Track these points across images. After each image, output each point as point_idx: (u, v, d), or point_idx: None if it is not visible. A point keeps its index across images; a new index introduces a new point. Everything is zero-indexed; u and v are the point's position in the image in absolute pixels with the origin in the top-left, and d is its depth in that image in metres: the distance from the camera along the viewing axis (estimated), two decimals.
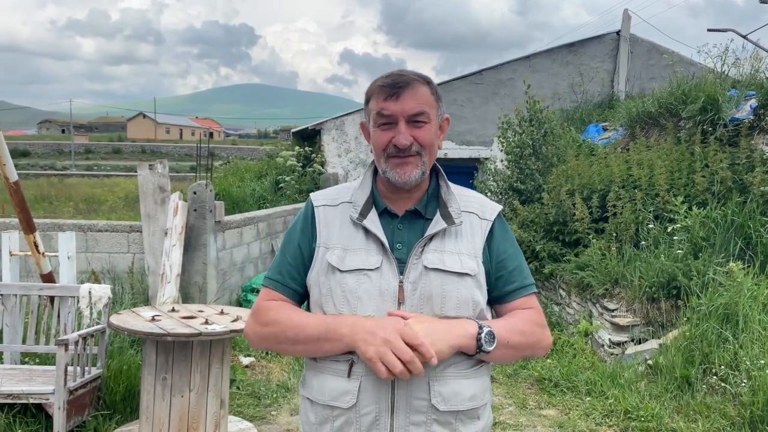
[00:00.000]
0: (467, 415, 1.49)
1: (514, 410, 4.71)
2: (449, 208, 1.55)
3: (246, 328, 1.62)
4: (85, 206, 18.35)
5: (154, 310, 3.86)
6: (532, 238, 7.43)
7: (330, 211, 1.59)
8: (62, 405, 3.64)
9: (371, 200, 1.57)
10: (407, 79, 1.51)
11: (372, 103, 1.54)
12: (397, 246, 1.52)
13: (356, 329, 1.40)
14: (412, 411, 1.44)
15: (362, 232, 1.53)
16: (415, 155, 1.51)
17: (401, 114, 1.49)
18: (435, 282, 1.47)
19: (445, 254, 1.50)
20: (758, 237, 5.33)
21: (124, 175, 33.63)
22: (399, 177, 1.51)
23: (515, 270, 1.58)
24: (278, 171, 13.15)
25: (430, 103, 1.53)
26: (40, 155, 49.74)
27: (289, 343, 1.52)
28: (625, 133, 8.82)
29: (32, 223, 4.54)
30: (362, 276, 1.48)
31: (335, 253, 1.52)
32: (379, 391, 1.44)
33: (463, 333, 1.43)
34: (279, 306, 1.57)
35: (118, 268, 6.30)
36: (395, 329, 1.37)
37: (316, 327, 1.47)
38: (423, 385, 1.44)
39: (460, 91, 11.90)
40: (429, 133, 1.52)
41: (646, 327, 5.41)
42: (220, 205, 6.37)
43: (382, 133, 1.52)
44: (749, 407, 3.90)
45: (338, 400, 1.47)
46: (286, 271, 1.59)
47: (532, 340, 1.54)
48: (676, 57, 12.01)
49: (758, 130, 6.41)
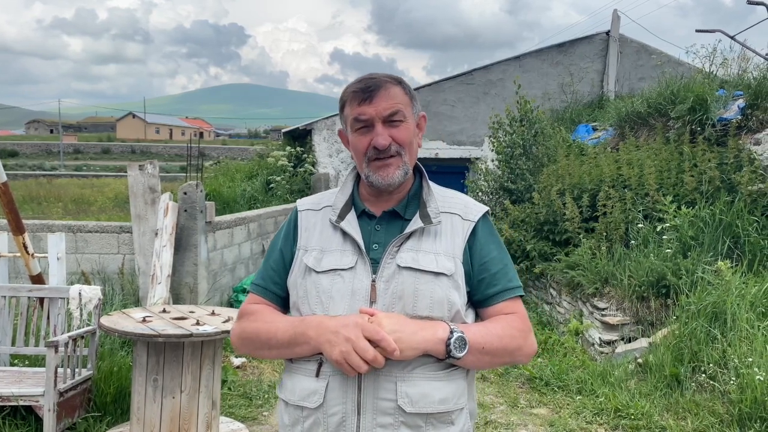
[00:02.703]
0: (439, 419, 1.45)
1: (505, 409, 4.73)
2: (428, 208, 1.55)
3: (231, 333, 1.64)
4: (74, 207, 18.22)
5: (144, 311, 3.85)
6: (523, 238, 7.46)
7: (312, 216, 1.61)
8: (52, 407, 3.62)
9: (350, 203, 1.58)
10: (378, 81, 1.52)
11: (347, 109, 1.55)
12: (374, 246, 1.52)
13: (321, 330, 1.41)
14: (378, 412, 1.42)
15: (340, 233, 1.54)
16: (395, 156, 1.52)
17: (377, 115, 1.49)
18: (407, 281, 1.46)
19: (420, 253, 1.49)
20: (746, 236, 5.38)
21: (113, 175, 33.44)
22: (382, 179, 1.51)
23: (499, 273, 1.55)
24: (269, 171, 13.12)
25: (404, 102, 1.53)
26: (28, 155, 49.37)
27: (265, 348, 1.54)
28: (614, 132, 8.87)
29: (21, 225, 4.51)
30: (336, 276, 1.49)
31: (312, 255, 1.53)
32: (345, 391, 1.43)
33: (431, 336, 1.40)
34: (259, 310, 1.58)
35: (108, 269, 6.26)
36: (357, 325, 1.36)
37: (285, 331, 1.48)
38: (389, 385, 1.42)
39: (451, 91, 11.92)
40: (406, 131, 1.53)
41: (635, 326, 5.45)
42: (211, 205, 6.35)
43: (361, 137, 1.52)
44: (737, 405, 3.94)
45: (307, 400, 1.47)
46: (269, 276, 1.61)
47: (511, 347, 1.49)
48: (664, 57, 12.10)
49: (746, 130, 6.46)
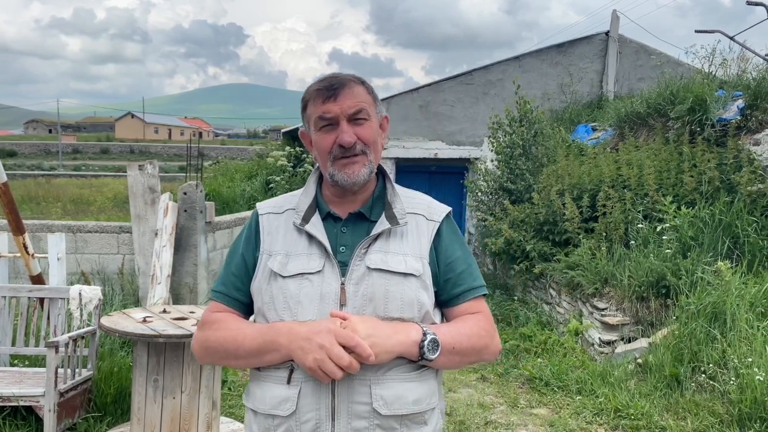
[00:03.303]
0: (412, 420, 1.45)
1: (505, 409, 4.73)
2: (394, 209, 1.54)
3: (192, 344, 1.58)
4: (73, 207, 18.19)
5: (145, 312, 3.85)
6: (523, 238, 7.46)
7: (274, 219, 1.58)
8: (53, 407, 3.62)
9: (314, 205, 1.56)
10: (342, 79, 1.51)
11: (310, 108, 1.53)
12: (341, 249, 1.50)
13: (292, 337, 1.38)
14: (353, 416, 1.41)
15: (305, 237, 1.51)
16: (360, 154, 1.50)
17: (342, 113, 1.48)
18: (378, 282, 1.45)
19: (389, 255, 1.48)
20: (745, 236, 5.39)
21: (112, 175, 33.39)
22: (347, 177, 1.50)
23: (464, 272, 1.56)
24: (268, 171, 13.12)
25: (368, 101, 1.53)
26: (26, 155, 49.31)
27: (231, 358, 1.50)
28: (614, 133, 8.87)
29: (21, 225, 4.51)
30: (303, 280, 1.46)
31: (277, 260, 1.50)
32: (319, 397, 1.41)
33: (405, 339, 1.40)
34: (221, 318, 1.53)
35: (108, 269, 6.26)
36: (330, 332, 1.34)
37: (254, 339, 1.44)
38: (364, 389, 1.41)
39: (451, 92, 11.92)
40: (371, 130, 1.52)
41: (635, 326, 5.45)
42: (211, 205, 6.35)
43: (325, 136, 1.50)
44: (737, 405, 3.94)
45: (278, 408, 1.44)
46: (231, 283, 1.57)
47: (478, 346, 1.51)
48: (664, 58, 12.09)
49: (745, 131, 6.47)
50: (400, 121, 11.75)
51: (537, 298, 7.41)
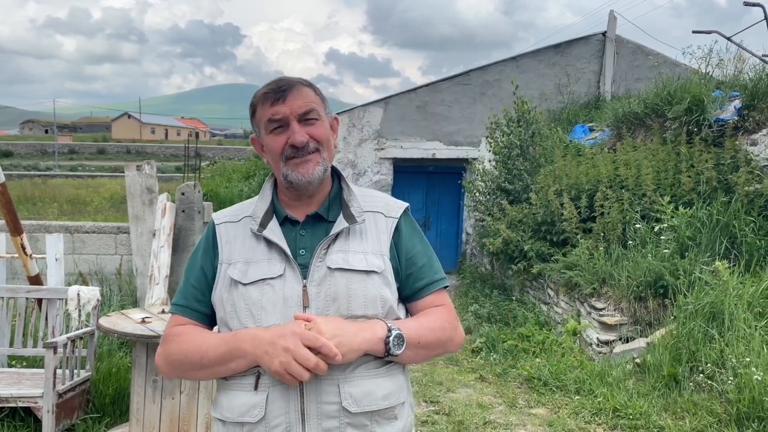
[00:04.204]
0: (383, 416, 1.45)
1: (503, 409, 4.74)
2: (351, 208, 1.54)
3: (156, 359, 1.55)
4: (69, 207, 18.14)
5: (143, 312, 3.84)
6: (521, 238, 7.47)
7: (231, 228, 1.56)
8: (51, 408, 3.61)
9: (271, 210, 1.55)
10: (290, 82, 1.52)
11: (259, 112, 1.53)
12: (301, 252, 1.49)
13: (257, 343, 1.37)
14: (323, 417, 1.41)
15: (264, 243, 1.50)
16: (314, 152, 1.50)
17: (291, 114, 1.49)
18: (340, 282, 1.45)
19: (349, 254, 1.48)
20: (743, 236, 5.40)
21: (109, 175, 33.32)
22: (302, 176, 1.49)
23: (424, 266, 1.57)
24: (266, 172, 13.11)
25: (317, 101, 1.53)
26: (22, 156, 49.17)
27: (196, 369, 1.47)
28: (611, 133, 8.89)
29: (19, 225, 4.50)
30: (265, 286, 1.45)
31: (237, 267, 1.49)
32: (287, 401, 1.41)
33: (370, 336, 1.40)
34: (183, 331, 1.52)
35: (106, 270, 6.25)
36: (294, 334, 1.34)
37: (217, 348, 1.43)
38: (332, 388, 1.41)
39: (448, 92, 11.93)
40: (323, 128, 1.53)
41: (633, 326, 5.46)
42: (209, 206, 6.34)
43: (276, 138, 1.50)
44: (735, 404, 3.96)
45: (246, 415, 1.42)
46: (191, 295, 1.55)
47: (443, 338, 1.53)
48: (661, 58, 12.13)
49: (742, 131, 6.48)
50: (397, 122, 11.75)
51: (535, 298, 7.42)
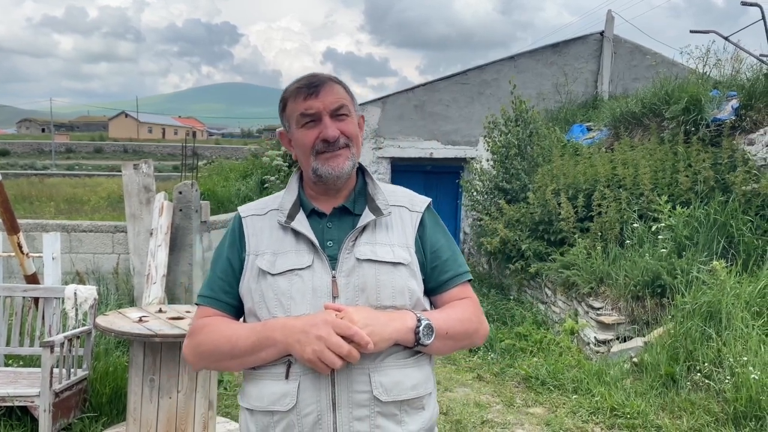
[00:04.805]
0: (411, 405, 1.47)
1: (501, 408, 4.74)
2: (377, 201, 1.56)
3: (184, 350, 1.57)
4: (66, 206, 18.10)
5: (141, 311, 3.83)
6: (518, 237, 7.47)
7: (258, 221, 1.58)
8: (48, 407, 3.60)
9: (298, 203, 1.57)
10: (321, 78, 1.54)
11: (290, 107, 1.55)
12: (328, 244, 1.51)
13: (288, 331, 1.38)
14: (354, 405, 1.42)
15: (291, 234, 1.52)
16: (344, 147, 1.52)
17: (324, 109, 1.50)
18: (368, 273, 1.47)
19: (376, 246, 1.50)
20: (740, 236, 5.41)
21: (106, 174, 33.25)
22: (332, 170, 1.51)
23: (449, 259, 1.59)
24: (264, 170, 13.09)
25: (347, 99, 1.55)
26: (19, 155, 49.06)
27: (226, 359, 1.49)
28: (609, 133, 8.90)
29: (16, 224, 4.48)
30: (294, 276, 1.47)
31: (265, 258, 1.50)
32: (319, 390, 1.42)
33: (401, 326, 1.42)
34: (211, 322, 1.53)
35: (103, 269, 6.24)
36: (326, 323, 1.35)
37: (247, 338, 1.44)
38: (363, 377, 1.42)
39: (446, 91, 11.93)
40: (353, 125, 1.55)
41: (631, 325, 5.47)
42: (206, 204, 6.33)
43: (308, 132, 1.52)
44: (733, 403, 3.96)
45: (277, 403, 1.43)
46: (218, 286, 1.56)
47: (470, 330, 1.55)
48: (658, 58, 12.14)
49: (740, 131, 6.49)
50: (395, 121, 11.75)
51: (532, 298, 7.42)
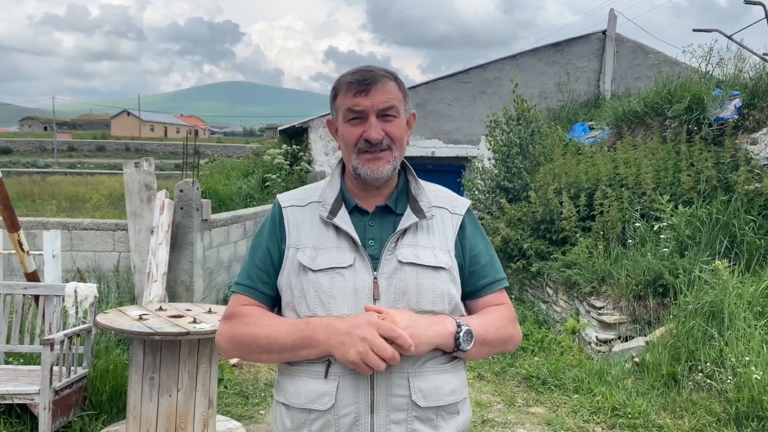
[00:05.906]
0: (447, 411, 1.47)
1: (502, 408, 4.72)
2: (420, 202, 1.54)
3: (218, 337, 1.56)
4: (68, 204, 18.13)
5: (141, 309, 3.82)
6: (520, 237, 7.45)
7: (299, 212, 1.56)
8: (47, 405, 3.59)
9: (341, 198, 1.55)
10: (375, 74, 1.50)
11: (340, 99, 1.52)
12: (370, 243, 1.50)
13: (331, 333, 1.37)
14: (392, 409, 1.42)
15: (333, 230, 1.51)
16: (386, 150, 1.50)
17: (371, 108, 1.48)
18: (410, 276, 1.46)
19: (419, 248, 1.49)
20: (743, 235, 5.39)
21: (108, 173, 33.30)
22: (371, 172, 1.49)
23: (487, 264, 1.58)
24: (265, 169, 13.08)
25: (399, 98, 1.52)
26: (21, 153, 49.16)
27: (263, 353, 1.48)
28: (611, 132, 8.88)
29: (16, 222, 4.48)
30: (335, 275, 1.45)
31: (306, 253, 1.49)
32: (357, 391, 1.41)
33: (442, 330, 1.42)
34: (252, 312, 1.52)
35: (104, 267, 6.23)
36: (370, 324, 1.35)
37: (289, 335, 1.43)
38: (402, 381, 1.42)
39: (448, 90, 11.92)
40: (399, 127, 1.52)
41: (632, 325, 5.45)
42: (207, 203, 6.32)
43: (353, 129, 1.50)
44: (734, 403, 3.95)
45: (315, 402, 1.43)
46: (256, 276, 1.54)
47: (505, 336, 1.55)
48: (661, 57, 12.11)
49: (742, 130, 6.47)
50: None
51: (534, 297, 7.41)
